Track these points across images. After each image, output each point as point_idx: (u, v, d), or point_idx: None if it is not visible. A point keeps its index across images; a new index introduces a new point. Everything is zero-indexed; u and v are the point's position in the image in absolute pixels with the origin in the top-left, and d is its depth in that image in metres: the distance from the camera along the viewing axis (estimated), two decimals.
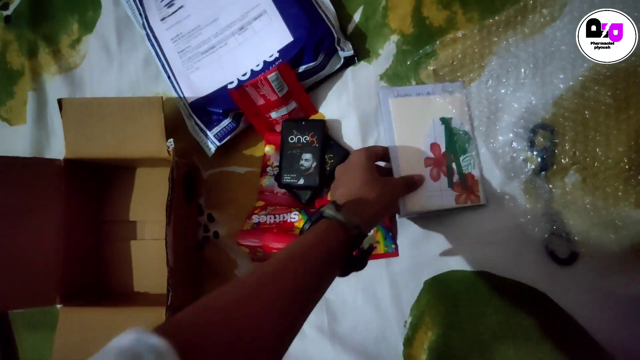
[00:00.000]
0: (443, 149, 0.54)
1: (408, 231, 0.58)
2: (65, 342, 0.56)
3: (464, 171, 0.54)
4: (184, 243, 0.60)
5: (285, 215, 0.58)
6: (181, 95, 0.64)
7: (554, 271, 0.53)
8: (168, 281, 0.53)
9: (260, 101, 0.60)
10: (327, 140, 0.60)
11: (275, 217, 0.58)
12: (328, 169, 0.59)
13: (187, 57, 0.64)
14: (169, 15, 0.65)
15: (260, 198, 0.62)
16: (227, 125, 0.61)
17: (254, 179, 0.63)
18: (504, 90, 0.55)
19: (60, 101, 0.59)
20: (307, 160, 0.59)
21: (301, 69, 0.59)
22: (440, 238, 0.57)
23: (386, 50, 0.61)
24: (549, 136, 0.53)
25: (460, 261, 0.56)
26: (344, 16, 0.63)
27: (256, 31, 0.61)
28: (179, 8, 0.64)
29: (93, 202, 0.66)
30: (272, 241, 0.55)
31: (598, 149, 0.52)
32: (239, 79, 0.61)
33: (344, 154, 0.60)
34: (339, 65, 0.61)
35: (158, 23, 0.65)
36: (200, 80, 0.63)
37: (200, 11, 0.64)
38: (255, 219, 0.59)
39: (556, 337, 0.52)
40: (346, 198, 0.44)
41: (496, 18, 0.56)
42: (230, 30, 0.62)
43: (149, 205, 0.66)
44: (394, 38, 0.60)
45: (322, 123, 0.60)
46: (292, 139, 0.60)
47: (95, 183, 0.67)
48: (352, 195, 0.44)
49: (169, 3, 0.65)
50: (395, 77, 0.60)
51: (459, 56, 0.57)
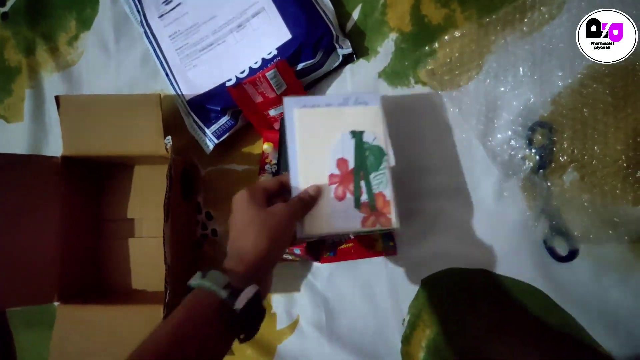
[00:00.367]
0: (351, 165, 0.47)
1: (406, 229, 0.57)
2: (63, 340, 0.56)
3: (374, 190, 0.47)
4: (182, 241, 0.60)
5: None
6: (179, 93, 0.63)
7: (553, 268, 0.53)
8: (166, 279, 0.53)
9: (259, 99, 0.60)
10: None
11: None
12: None
13: (185, 55, 0.64)
14: (166, 13, 0.65)
15: None
16: (225, 122, 0.61)
17: (252, 177, 0.63)
18: (502, 88, 0.55)
19: (57, 98, 0.59)
20: None
21: (299, 66, 0.59)
22: (438, 236, 0.57)
23: (385, 48, 0.61)
24: (547, 134, 0.53)
25: (458, 259, 0.56)
26: (343, 14, 0.63)
27: (254, 29, 0.61)
28: (177, 5, 0.64)
29: (91, 200, 0.66)
30: None
31: (596, 147, 0.52)
32: (237, 77, 0.61)
33: None
34: (337, 63, 0.61)
35: (156, 20, 0.65)
36: (199, 77, 0.63)
37: (199, 8, 0.63)
38: None
39: (553, 335, 0.52)
40: (229, 252, 0.40)
41: (494, 16, 0.56)
42: (228, 27, 0.62)
43: (147, 203, 0.66)
44: (393, 36, 0.60)
45: None
46: None
47: (93, 181, 0.66)
48: (232, 246, 0.40)
49: (167, 0, 0.65)
50: (394, 75, 0.60)
51: (457, 54, 0.57)
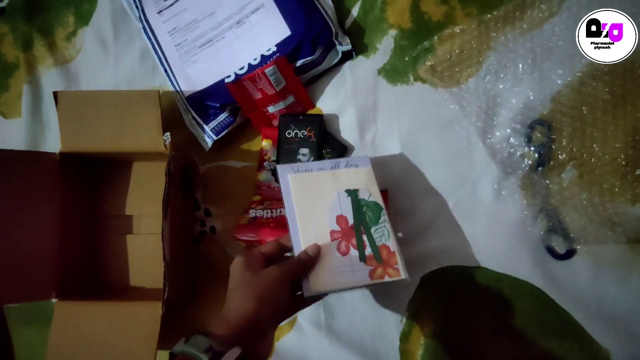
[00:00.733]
0: (351, 221, 0.48)
1: (405, 228, 0.58)
2: (61, 337, 0.56)
3: (377, 243, 0.47)
4: (180, 237, 0.60)
5: (282, 210, 0.58)
6: (178, 89, 0.63)
7: (551, 267, 0.53)
8: (164, 276, 0.53)
9: (258, 95, 0.59)
10: (325, 135, 0.60)
11: (272, 212, 0.58)
12: None
13: (184, 51, 0.63)
14: (165, 8, 0.64)
15: (257, 193, 0.62)
16: (224, 119, 0.61)
17: (251, 174, 0.63)
18: (502, 86, 0.55)
19: (55, 94, 0.58)
20: (305, 155, 0.59)
21: (299, 63, 0.58)
22: (437, 233, 0.57)
23: (384, 45, 0.60)
24: (546, 132, 0.53)
25: (457, 257, 0.56)
26: (342, 10, 0.62)
27: (253, 25, 0.61)
28: (176, 1, 0.64)
29: (89, 196, 0.66)
30: (269, 236, 0.55)
31: (595, 145, 0.52)
32: (236, 73, 0.61)
33: (341, 149, 0.60)
34: (336, 60, 0.61)
35: (155, 16, 0.65)
36: (197, 73, 0.63)
37: (198, 4, 0.63)
38: (252, 213, 0.58)
39: (552, 333, 0.52)
40: (219, 316, 0.40)
41: (494, 13, 0.56)
42: (227, 23, 0.62)
43: (145, 200, 0.66)
44: (392, 33, 0.60)
45: (320, 118, 0.60)
46: (290, 133, 0.60)
47: (91, 177, 0.66)
48: (222, 311, 0.40)
49: None
50: (394, 72, 0.60)
51: (457, 51, 0.57)
